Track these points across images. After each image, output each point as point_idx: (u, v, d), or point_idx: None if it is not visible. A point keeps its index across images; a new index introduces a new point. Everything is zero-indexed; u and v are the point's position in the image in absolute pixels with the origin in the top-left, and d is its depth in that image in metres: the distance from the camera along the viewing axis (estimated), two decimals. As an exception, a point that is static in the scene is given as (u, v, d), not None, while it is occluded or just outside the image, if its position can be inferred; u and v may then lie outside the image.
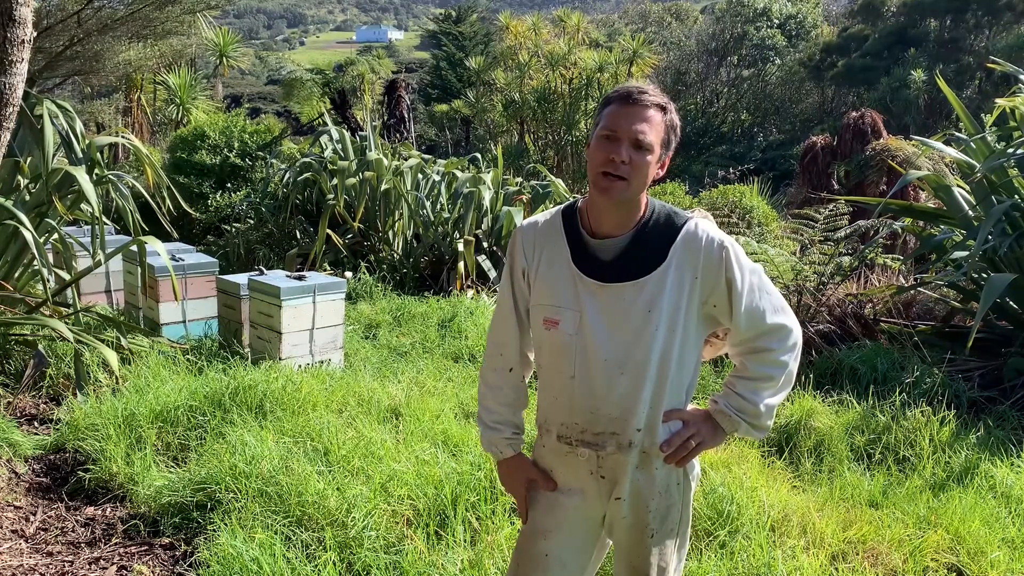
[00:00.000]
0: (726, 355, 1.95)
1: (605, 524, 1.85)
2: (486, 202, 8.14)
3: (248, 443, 3.40)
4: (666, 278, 1.69)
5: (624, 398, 1.71)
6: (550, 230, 1.78)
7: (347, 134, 9.31)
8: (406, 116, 17.40)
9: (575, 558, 1.86)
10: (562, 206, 1.83)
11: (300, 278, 5.01)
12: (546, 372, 1.81)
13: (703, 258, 1.69)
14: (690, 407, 1.81)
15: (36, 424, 4.22)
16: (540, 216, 1.84)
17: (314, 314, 4.93)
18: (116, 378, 4.33)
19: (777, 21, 29.36)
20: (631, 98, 1.66)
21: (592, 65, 15.60)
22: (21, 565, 2.92)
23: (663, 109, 1.68)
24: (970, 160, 5.66)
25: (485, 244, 8.01)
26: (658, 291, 1.68)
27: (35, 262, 4.39)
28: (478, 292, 7.31)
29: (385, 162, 8.19)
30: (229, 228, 9.20)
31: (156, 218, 5.55)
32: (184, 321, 5.54)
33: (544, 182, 9.23)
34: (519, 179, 9.82)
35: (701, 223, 1.74)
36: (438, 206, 8.60)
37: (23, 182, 4.99)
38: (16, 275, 4.98)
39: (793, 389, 4.51)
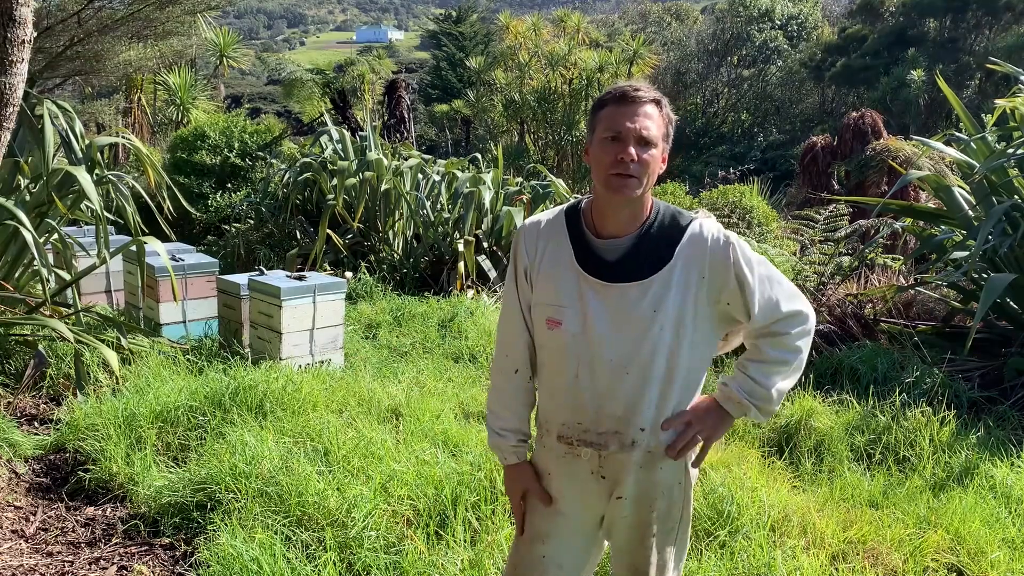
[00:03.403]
0: (726, 354, 1.96)
1: (604, 525, 1.84)
2: (486, 202, 8.14)
3: (248, 443, 3.40)
4: (672, 278, 1.69)
5: (629, 397, 1.71)
6: (553, 229, 1.78)
7: (347, 134, 9.30)
8: (406, 116, 17.38)
9: (572, 560, 1.86)
10: (564, 205, 1.83)
11: (300, 278, 5.01)
12: (547, 372, 1.81)
13: (709, 257, 1.70)
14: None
15: (36, 424, 4.23)
16: (543, 215, 1.83)
17: (314, 314, 4.93)
18: (116, 378, 4.33)
19: (779, 22, 29.36)
20: (628, 97, 1.67)
21: (592, 65, 15.59)
22: (21, 565, 2.92)
23: (658, 103, 1.69)
24: (970, 160, 5.66)
25: (485, 244, 8.01)
26: (664, 291, 1.69)
27: (35, 262, 4.39)
28: (478, 292, 7.31)
29: (385, 162, 8.19)
30: (229, 228, 9.19)
31: (156, 218, 5.55)
32: (184, 321, 5.54)
33: (544, 182, 9.22)
34: (519, 179, 9.81)
35: (705, 223, 1.75)
36: (438, 206, 8.59)
37: (23, 182, 4.99)
38: (16, 275, 4.98)
39: (793, 389, 4.52)
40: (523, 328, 1.83)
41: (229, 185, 10.35)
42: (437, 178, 8.85)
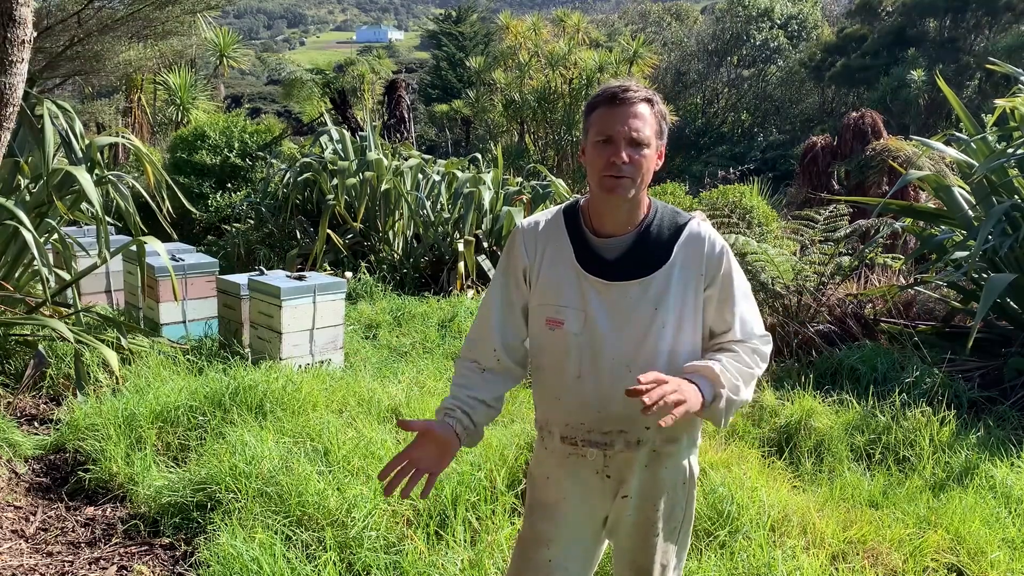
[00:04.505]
0: None
1: (607, 525, 1.84)
2: (486, 202, 8.14)
3: (248, 443, 3.40)
4: (671, 276, 1.70)
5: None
6: (552, 229, 1.78)
7: (347, 134, 9.31)
8: (406, 116, 17.37)
9: (576, 562, 1.86)
10: (563, 205, 1.82)
11: (300, 278, 5.01)
12: (547, 373, 1.80)
13: (706, 257, 1.72)
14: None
15: (36, 424, 4.23)
16: (540, 215, 1.83)
17: (314, 314, 4.93)
18: (116, 378, 4.33)
19: (779, 21, 29.37)
20: (617, 98, 1.65)
21: (592, 65, 15.59)
22: (21, 565, 2.92)
23: (650, 101, 1.68)
24: (970, 160, 5.66)
25: (485, 244, 8.01)
26: (664, 289, 1.70)
27: (35, 262, 4.39)
28: (478, 292, 7.31)
29: (385, 162, 8.19)
30: (229, 228, 9.20)
31: (156, 218, 5.55)
32: (184, 321, 5.54)
33: (544, 182, 9.23)
34: (519, 179, 9.83)
35: (703, 224, 1.77)
36: (438, 206, 8.60)
37: (23, 182, 4.99)
38: (16, 275, 4.98)
39: (793, 389, 4.54)
40: (499, 326, 1.80)
41: (229, 185, 10.35)
42: (437, 178, 8.85)
